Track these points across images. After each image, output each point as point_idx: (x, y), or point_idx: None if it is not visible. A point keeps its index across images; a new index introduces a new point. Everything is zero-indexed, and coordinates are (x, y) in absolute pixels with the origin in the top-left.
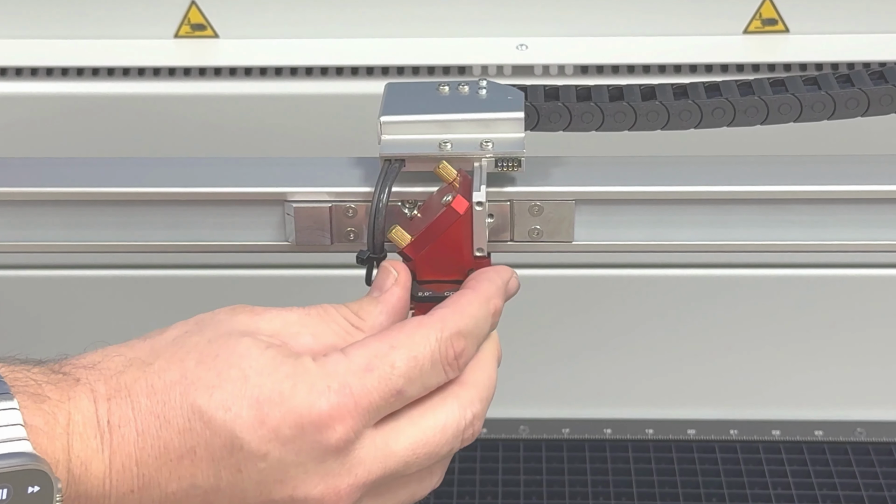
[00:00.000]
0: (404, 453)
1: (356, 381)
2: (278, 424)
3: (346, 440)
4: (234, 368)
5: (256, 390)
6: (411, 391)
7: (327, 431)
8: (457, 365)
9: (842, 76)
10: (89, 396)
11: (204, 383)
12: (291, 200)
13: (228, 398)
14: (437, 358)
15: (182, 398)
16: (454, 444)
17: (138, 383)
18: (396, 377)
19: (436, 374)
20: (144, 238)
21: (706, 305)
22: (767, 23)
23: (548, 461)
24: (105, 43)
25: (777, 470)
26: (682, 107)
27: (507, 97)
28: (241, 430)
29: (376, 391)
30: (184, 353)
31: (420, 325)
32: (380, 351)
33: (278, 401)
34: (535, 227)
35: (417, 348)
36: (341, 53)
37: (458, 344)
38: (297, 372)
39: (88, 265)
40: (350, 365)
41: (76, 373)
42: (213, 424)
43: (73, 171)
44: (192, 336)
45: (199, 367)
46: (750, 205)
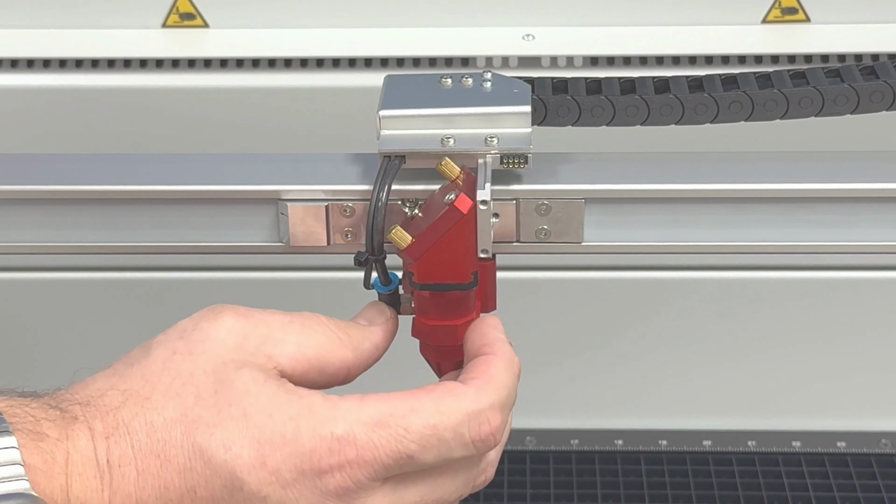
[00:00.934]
0: (412, 501)
1: (363, 433)
2: (278, 467)
3: (345, 488)
4: (234, 406)
5: (257, 431)
6: (426, 458)
7: (326, 478)
8: (492, 441)
9: (866, 68)
10: (87, 435)
11: (205, 422)
12: (286, 199)
13: (229, 438)
14: (462, 432)
15: (183, 437)
16: (464, 491)
17: (137, 420)
18: (408, 442)
19: (460, 448)
20: (130, 239)
21: (722, 310)
22: (787, 12)
23: (555, 474)
24: (89, 33)
25: (797, 483)
26: (697, 100)
27: (513, 90)
28: (242, 470)
29: (383, 449)
30: (179, 384)
31: (450, 393)
32: (397, 410)
33: (280, 443)
34: (543, 227)
35: (440, 417)
36: (338, 44)
37: (494, 419)
38: (302, 413)
39: (70, 267)
40: (361, 414)
41: (73, 409)
42: (213, 464)
43: (54, 168)
44: (184, 360)
45: (198, 404)
46: (769, 203)
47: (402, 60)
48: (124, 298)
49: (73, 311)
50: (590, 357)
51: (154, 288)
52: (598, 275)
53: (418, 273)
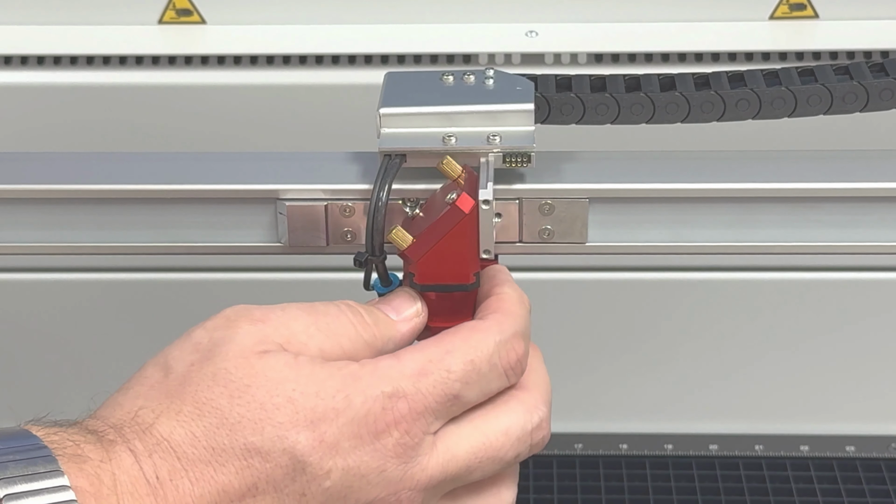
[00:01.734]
0: (466, 457)
1: (410, 386)
2: (337, 439)
3: (403, 445)
4: (276, 396)
5: (310, 413)
6: (470, 396)
7: (384, 437)
8: (520, 368)
9: (875, 65)
10: (129, 456)
11: (249, 418)
12: (284, 198)
13: (281, 428)
14: (495, 362)
15: (231, 440)
16: (520, 450)
17: (176, 433)
18: (452, 381)
19: (496, 379)
20: (125, 239)
21: (728, 311)
22: (795, 7)
23: (559, 479)
24: (84, 29)
25: (806, 488)
26: (703, 98)
27: (516, 88)
28: (302, 454)
29: (431, 395)
30: (208, 391)
31: (475, 329)
32: (434, 355)
33: (333, 416)
34: (546, 227)
35: (474, 352)
36: (338, 41)
37: (518, 347)
38: (347, 383)
39: (64, 268)
40: (403, 369)
41: (108, 433)
42: (271, 457)
43: (47, 167)
44: (204, 366)
45: (234, 404)
46: (777, 203)
47: (402, 58)
48: (120, 300)
49: (69, 312)
50: (594, 360)
51: (150, 289)
52: (602, 276)
53: (419, 274)
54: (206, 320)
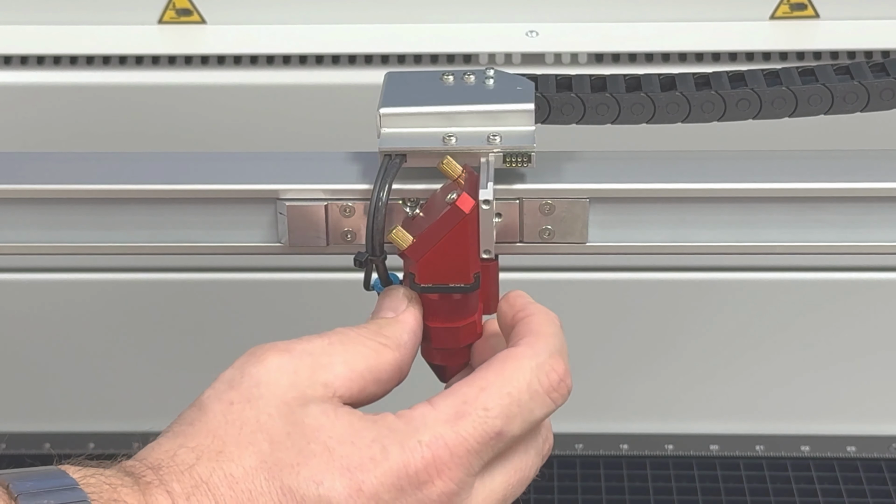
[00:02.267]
0: (501, 488)
1: (449, 431)
2: (376, 490)
3: (448, 493)
4: (313, 443)
5: (345, 460)
6: (514, 429)
7: (428, 488)
8: (564, 388)
9: (876, 65)
10: (166, 498)
11: (287, 463)
12: (284, 198)
13: (318, 473)
14: (536, 388)
15: (269, 483)
16: (538, 464)
17: (216, 474)
18: (493, 419)
19: (540, 406)
20: (125, 239)
21: (729, 311)
22: (796, 7)
23: (559, 479)
24: (84, 29)
25: (806, 489)
26: (704, 98)
27: (517, 87)
28: (339, 501)
29: (472, 437)
30: (249, 433)
31: (508, 359)
32: (469, 396)
33: (371, 466)
34: (547, 227)
35: (511, 384)
36: (338, 40)
37: (558, 366)
38: (383, 434)
39: (63, 268)
40: (439, 415)
41: (146, 475)
42: (307, 501)
43: (47, 167)
44: (245, 409)
45: (275, 448)
46: (778, 203)
47: (402, 57)
48: (120, 300)
49: (69, 312)
50: (594, 360)
51: (150, 289)
52: (602, 276)
53: (420, 274)
54: (234, 361)
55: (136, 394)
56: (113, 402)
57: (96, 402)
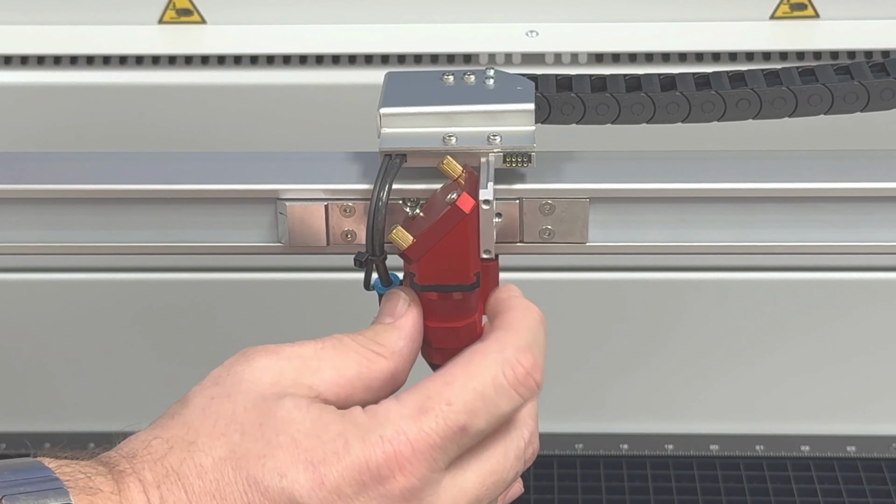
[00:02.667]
0: (474, 488)
1: (411, 426)
2: (338, 483)
3: (410, 488)
4: (281, 435)
5: (309, 453)
6: (479, 424)
7: (389, 483)
8: (531, 382)
9: (876, 65)
10: (138, 486)
11: (254, 454)
12: (284, 198)
13: (282, 465)
14: (500, 382)
15: (235, 473)
16: (518, 468)
17: (185, 464)
18: (456, 414)
19: (506, 401)
20: (125, 239)
21: (729, 311)
22: (796, 7)
23: (560, 479)
24: (84, 29)
25: (806, 489)
26: (704, 98)
27: (517, 87)
28: (301, 494)
29: (435, 432)
30: (223, 425)
31: (474, 354)
32: (433, 391)
33: (333, 460)
34: (547, 227)
35: (475, 379)
36: (338, 40)
37: (524, 360)
38: (348, 428)
39: (63, 268)
40: (402, 410)
41: (120, 464)
42: (270, 494)
43: (47, 167)
44: (223, 403)
45: (245, 440)
46: (779, 203)
47: (403, 57)
48: (120, 300)
49: (69, 312)
50: (595, 360)
51: (150, 289)
52: (603, 276)
53: (420, 274)
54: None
55: (135, 394)
56: (113, 402)
57: (96, 402)
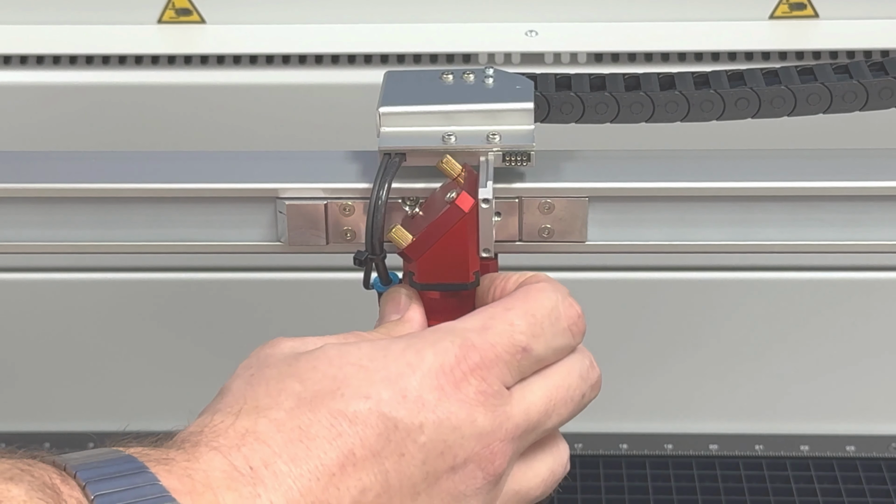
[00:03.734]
0: (542, 401)
1: (477, 338)
2: (419, 393)
3: (484, 392)
4: (346, 367)
5: (383, 372)
6: (538, 349)
7: (464, 386)
8: (582, 325)
9: (874, 64)
10: (216, 453)
11: (326, 391)
12: (284, 197)
13: (361, 388)
14: (558, 316)
15: (313, 413)
16: (584, 389)
17: (259, 423)
18: (518, 333)
19: (561, 334)
20: (124, 238)
21: (728, 311)
22: (795, 7)
23: None
24: (84, 29)
25: (806, 488)
26: (703, 97)
27: (516, 86)
28: (389, 409)
29: (500, 345)
30: (276, 384)
31: (531, 289)
32: (496, 312)
33: (409, 372)
34: (546, 225)
35: (534, 308)
36: (337, 40)
37: (575, 304)
38: (413, 342)
39: (63, 268)
40: (466, 324)
41: (189, 439)
42: (359, 418)
43: (47, 166)
44: (263, 372)
45: (307, 385)
46: (778, 202)
47: (402, 57)
48: (120, 299)
49: (68, 312)
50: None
51: (150, 289)
52: (602, 275)
53: (419, 273)
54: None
55: (135, 393)
56: (113, 402)
57: (96, 402)
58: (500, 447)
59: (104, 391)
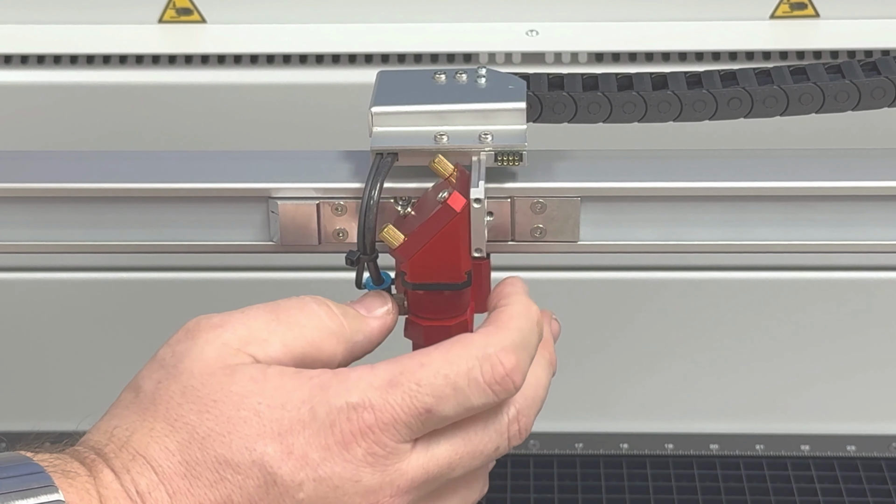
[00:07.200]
0: (446, 455)
1: (377, 397)
2: (305, 451)
3: (373, 455)
4: (242, 409)
5: (275, 424)
6: (445, 411)
7: (352, 447)
8: (509, 383)
9: (867, 64)
10: (109, 472)
11: (217, 433)
12: (276, 197)
13: (248, 440)
14: (476, 376)
15: (202, 454)
16: (499, 443)
17: (150, 447)
18: (423, 396)
19: (478, 395)
20: (116, 238)
21: (725, 311)
22: (796, 7)
23: (560, 478)
24: (84, 28)
25: (806, 488)
26: (695, 97)
27: (508, 86)
28: (271, 465)
29: (400, 407)
30: (178, 407)
31: (457, 343)
32: (407, 368)
33: (299, 429)
34: (538, 225)
35: (449, 366)
36: (337, 40)
37: (507, 360)
38: (314, 393)
39: (55, 267)
40: (373, 380)
41: (88, 455)
42: (241, 469)
43: (40, 165)
44: (171, 384)
45: (203, 419)
46: (770, 202)
47: (402, 56)
48: (112, 299)
49: (59, 311)
50: (592, 360)
51: (142, 288)
52: (594, 275)
53: (411, 272)
54: (170, 337)
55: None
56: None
57: (85, 401)
58: (390, 501)
59: (97, 390)
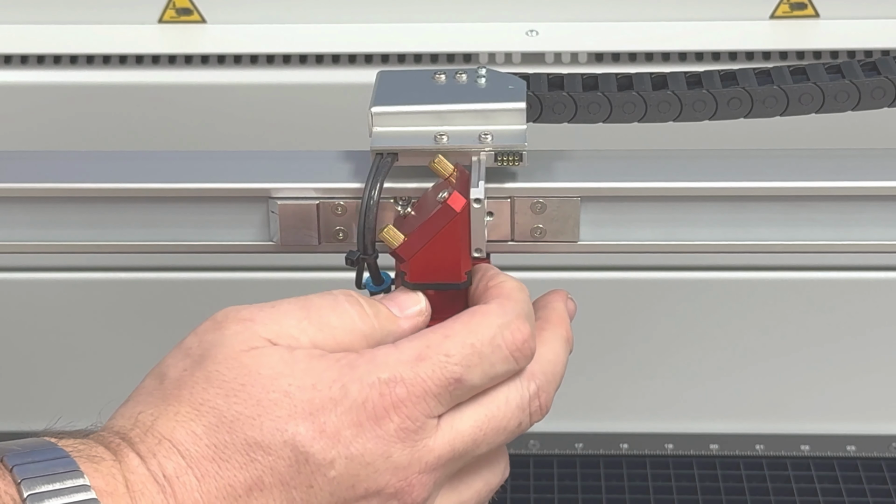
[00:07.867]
0: (471, 431)
1: (408, 371)
2: (337, 429)
3: (405, 429)
4: (272, 392)
5: (306, 404)
6: (473, 379)
7: (384, 423)
8: (527, 349)
9: (867, 64)
10: (135, 457)
11: (246, 416)
12: (276, 197)
13: (279, 421)
14: (499, 343)
15: (231, 437)
16: (521, 418)
17: (177, 431)
18: (452, 365)
19: (501, 362)
20: (116, 238)
21: (725, 311)
22: (796, 7)
23: (560, 478)
24: (84, 29)
25: (806, 488)
26: (695, 97)
27: (508, 86)
28: (303, 444)
29: (431, 380)
30: (203, 392)
31: (476, 313)
32: (433, 341)
33: (331, 406)
34: (538, 225)
35: (474, 335)
36: (338, 40)
37: (523, 328)
38: (343, 372)
39: (55, 267)
40: (401, 356)
41: (113, 440)
42: (272, 450)
43: (38, 165)
44: (196, 371)
45: (231, 403)
46: (771, 202)
47: (402, 56)
48: (112, 299)
49: (59, 311)
50: (592, 360)
51: (142, 288)
52: (594, 275)
53: (411, 272)
54: (197, 326)
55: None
56: (105, 400)
57: (91, 400)
58: (419, 479)
59: (97, 389)
